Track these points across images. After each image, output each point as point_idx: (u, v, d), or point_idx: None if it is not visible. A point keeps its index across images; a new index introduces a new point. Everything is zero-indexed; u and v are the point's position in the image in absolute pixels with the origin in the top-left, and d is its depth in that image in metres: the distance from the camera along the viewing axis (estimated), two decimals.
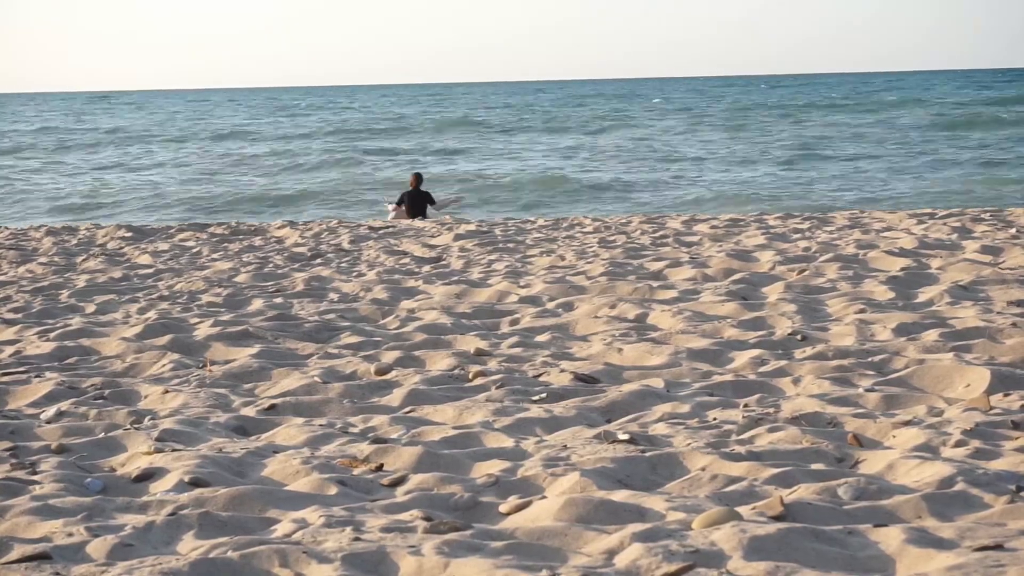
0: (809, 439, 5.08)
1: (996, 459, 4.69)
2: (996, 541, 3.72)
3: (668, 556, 3.67)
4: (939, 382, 6.14)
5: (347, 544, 3.90)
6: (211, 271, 11.63)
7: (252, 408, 6.11)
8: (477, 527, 4.14)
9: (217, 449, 5.22)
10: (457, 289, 9.83)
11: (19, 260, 12.95)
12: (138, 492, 4.74)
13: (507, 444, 5.25)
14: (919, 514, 4.10)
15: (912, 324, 7.55)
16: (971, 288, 8.90)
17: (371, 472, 4.89)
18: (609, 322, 8.13)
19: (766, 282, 9.65)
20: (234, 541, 3.97)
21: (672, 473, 4.75)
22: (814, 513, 4.10)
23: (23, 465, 5.03)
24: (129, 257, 13.07)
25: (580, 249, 12.37)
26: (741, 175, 30.50)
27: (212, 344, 7.75)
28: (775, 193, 26.14)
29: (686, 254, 11.55)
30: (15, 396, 6.51)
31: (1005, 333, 7.12)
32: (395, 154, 40.99)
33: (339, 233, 14.94)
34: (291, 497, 4.54)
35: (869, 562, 3.68)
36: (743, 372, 6.60)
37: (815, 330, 7.59)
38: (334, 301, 9.50)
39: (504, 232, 14.50)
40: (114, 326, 8.44)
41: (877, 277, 9.56)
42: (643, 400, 5.98)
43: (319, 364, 7.11)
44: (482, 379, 6.56)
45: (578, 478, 4.56)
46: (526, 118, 63.53)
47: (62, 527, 4.17)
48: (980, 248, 10.99)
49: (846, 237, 12.52)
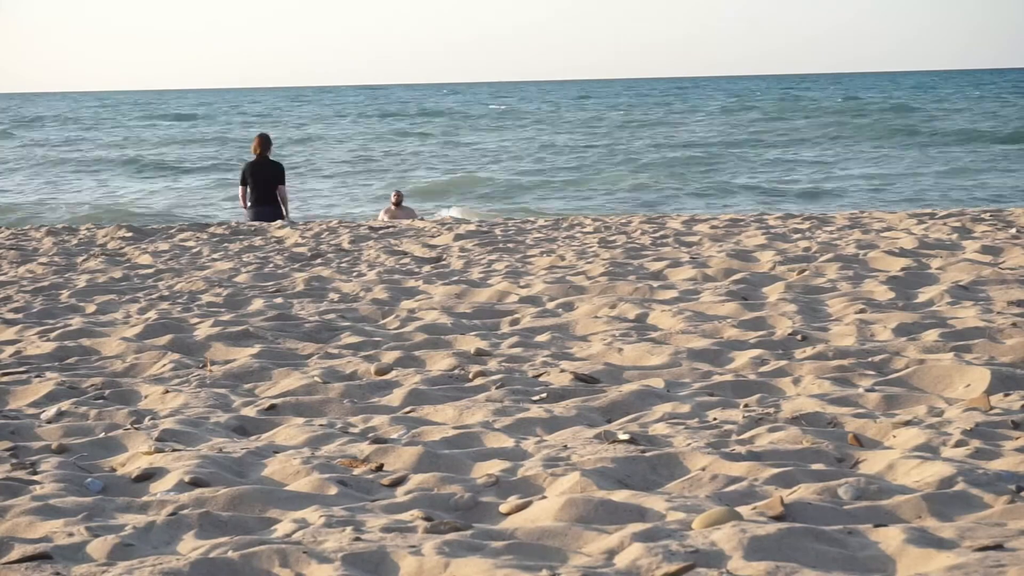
0: (809, 439, 5.08)
1: (996, 459, 4.70)
2: (996, 541, 3.73)
3: (668, 556, 3.67)
4: (939, 382, 6.15)
5: (347, 544, 3.90)
6: (211, 271, 11.63)
7: (252, 408, 6.11)
8: (477, 527, 4.14)
9: (217, 449, 5.22)
10: (457, 289, 9.83)
11: (19, 260, 12.95)
12: (138, 492, 4.74)
13: (507, 444, 5.25)
14: (919, 514, 4.11)
15: (912, 324, 7.55)
16: (971, 288, 8.90)
17: (371, 472, 4.89)
18: (609, 322, 8.14)
19: (766, 282, 9.65)
20: (234, 541, 3.98)
21: (672, 473, 4.75)
22: (814, 513, 4.10)
23: (23, 465, 5.03)
24: (129, 257, 13.06)
25: (580, 249, 12.37)
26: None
27: (212, 344, 7.75)
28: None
29: (686, 254, 11.55)
30: (15, 396, 6.51)
31: (1005, 333, 7.12)
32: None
33: (339, 233, 14.94)
34: (291, 497, 4.55)
35: (869, 562, 3.69)
36: (743, 372, 6.60)
37: (815, 330, 7.59)
38: (334, 301, 9.50)
39: (504, 232, 14.51)
40: (114, 326, 8.44)
41: (877, 277, 9.56)
42: (643, 400, 5.98)
43: (319, 364, 7.12)
44: (482, 379, 6.57)
45: (578, 478, 4.56)
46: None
47: (62, 527, 4.17)
48: (980, 248, 10.99)
49: (846, 237, 12.53)
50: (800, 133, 51.93)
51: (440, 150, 48.09)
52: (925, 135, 48.30)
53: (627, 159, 40.73)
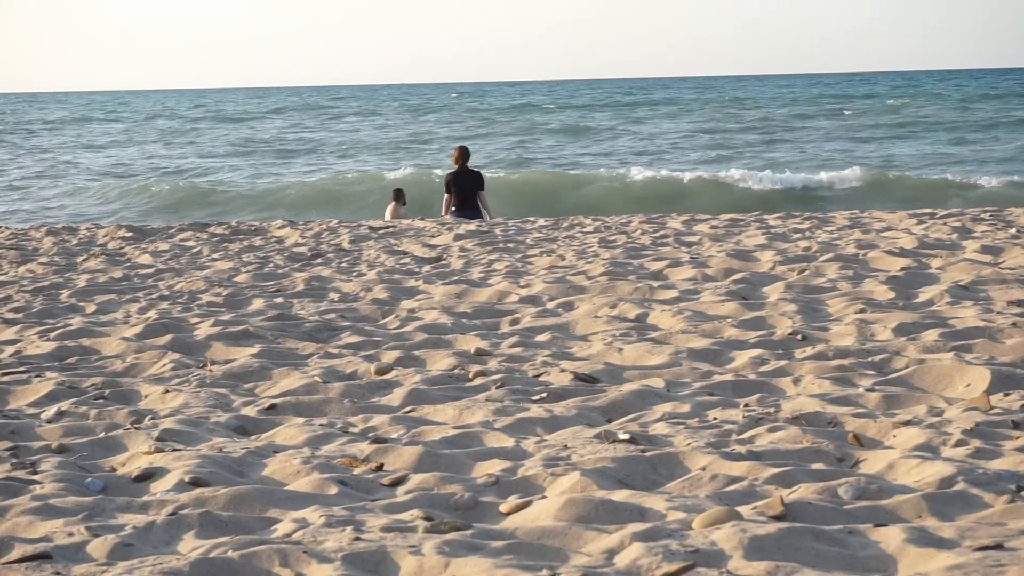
0: (809, 439, 5.08)
1: (996, 459, 4.70)
2: (996, 541, 3.72)
3: (668, 556, 3.67)
4: (939, 382, 6.15)
5: (347, 544, 3.90)
6: (211, 271, 11.63)
7: (252, 408, 6.11)
8: (477, 527, 4.14)
9: (217, 449, 5.22)
10: (457, 289, 9.83)
11: (19, 260, 12.95)
12: (138, 492, 4.75)
13: (507, 444, 5.25)
14: (919, 514, 4.11)
15: (912, 324, 7.55)
16: (971, 288, 8.90)
17: (371, 472, 4.89)
18: (609, 322, 8.14)
19: (766, 282, 9.65)
20: (234, 541, 3.98)
21: (672, 473, 4.75)
22: (814, 513, 4.10)
23: (23, 465, 5.03)
24: (129, 257, 13.07)
25: (580, 249, 12.37)
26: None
27: (212, 344, 7.75)
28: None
29: (686, 254, 11.55)
30: (15, 396, 6.51)
31: (1005, 333, 7.12)
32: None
33: (339, 233, 14.94)
34: (291, 497, 4.55)
35: (869, 562, 3.69)
36: (743, 372, 6.60)
37: (815, 330, 7.59)
38: (334, 301, 9.50)
39: (504, 232, 14.51)
40: (114, 326, 8.44)
41: (877, 277, 9.56)
42: (643, 400, 5.98)
43: (319, 364, 7.12)
44: (482, 379, 6.57)
45: (578, 478, 4.56)
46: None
47: (62, 527, 4.17)
48: (980, 248, 10.99)
49: (846, 237, 12.53)
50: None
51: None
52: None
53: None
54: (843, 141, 42.47)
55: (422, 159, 39.51)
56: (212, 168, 39.64)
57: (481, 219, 17.07)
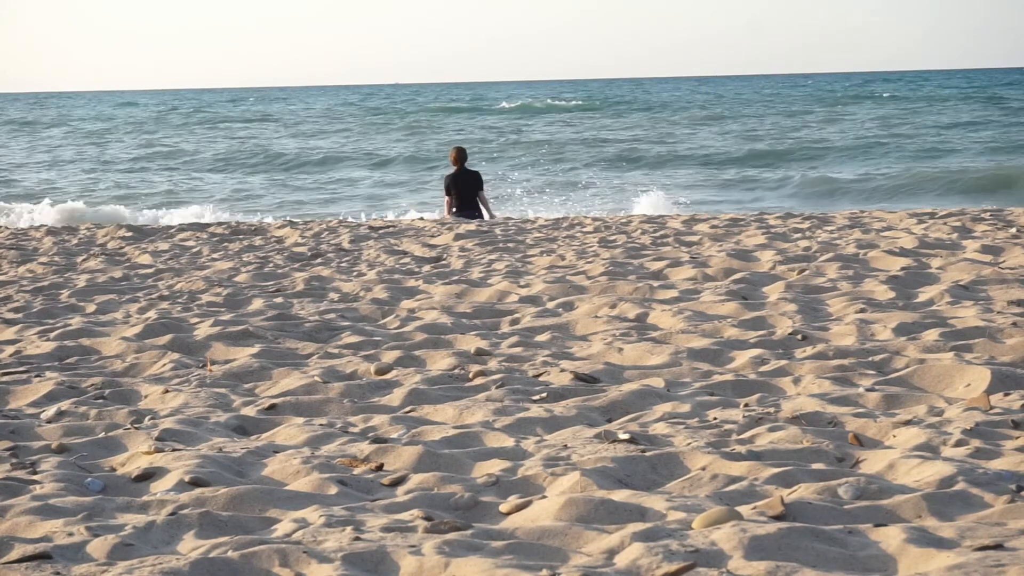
0: (809, 439, 5.09)
1: (996, 459, 4.70)
2: (996, 541, 3.73)
3: (668, 556, 3.67)
4: (939, 382, 6.15)
5: (347, 544, 3.90)
6: (211, 271, 11.63)
7: (252, 408, 6.11)
8: (477, 527, 4.14)
9: (217, 449, 5.22)
10: (457, 289, 9.83)
11: (19, 260, 12.95)
12: (138, 492, 4.75)
13: (507, 444, 5.25)
14: (919, 514, 4.11)
15: (912, 324, 7.55)
16: (971, 288, 8.90)
17: (371, 472, 4.89)
18: (609, 322, 8.14)
19: (766, 282, 9.65)
20: (234, 541, 3.98)
21: (672, 473, 4.75)
22: (814, 513, 4.10)
23: (23, 465, 5.03)
24: (129, 257, 13.07)
25: (580, 249, 12.37)
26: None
27: (212, 344, 7.75)
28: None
29: (686, 254, 11.55)
30: (15, 396, 6.51)
31: (1005, 333, 7.12)
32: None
33: (339, 233, 14.95)
34: (291, 497, 4.55)
35: (869, 562, 3.69)
36: (743, 372, 6.60)
37: (815, 330, 7.59)
38: (334, 301, 9.50)
39: (504, 232, 14.51)
40: (114, 326, 8.44)
41: (877, 277, 9.56)
42: (643, 400, 5.98)
43: (319, 364, 7.12)
44: (482, 379, 6.57)
45: (578, 478, 4.56)
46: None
47: (62, 527, 4.17)
48: (980, 248, 10.99)
49: (846, 237, 12.53)
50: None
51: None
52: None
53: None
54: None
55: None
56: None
57: (482, 219, 17.09)
